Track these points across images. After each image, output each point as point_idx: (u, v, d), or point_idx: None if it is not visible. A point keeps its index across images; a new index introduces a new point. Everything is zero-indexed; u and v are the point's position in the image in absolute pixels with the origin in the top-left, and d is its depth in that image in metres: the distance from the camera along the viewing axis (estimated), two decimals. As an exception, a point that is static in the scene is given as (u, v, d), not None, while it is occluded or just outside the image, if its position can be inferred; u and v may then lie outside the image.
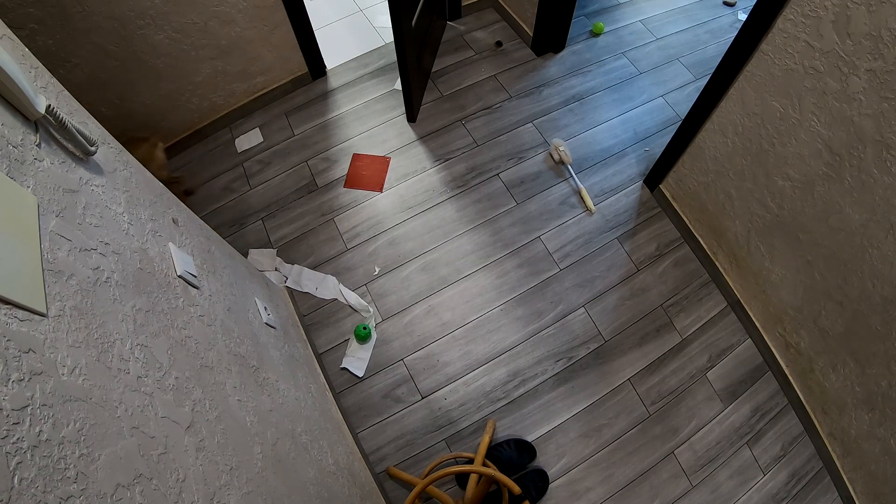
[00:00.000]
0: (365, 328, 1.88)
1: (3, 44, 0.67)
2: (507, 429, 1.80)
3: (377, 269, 2.04)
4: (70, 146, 0.72)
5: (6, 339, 0.44)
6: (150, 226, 0.90)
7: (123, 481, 0.51)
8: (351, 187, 2.22)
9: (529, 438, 1.78)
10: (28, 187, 0.57)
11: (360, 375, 1.85)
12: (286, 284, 2.00)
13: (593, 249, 2.10)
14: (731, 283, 1.99)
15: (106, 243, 0.71)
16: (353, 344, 1.90)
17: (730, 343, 1.96)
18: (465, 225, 2.14)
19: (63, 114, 0.67)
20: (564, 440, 1.79)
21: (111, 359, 0.59)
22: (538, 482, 1.70)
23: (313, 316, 1.96)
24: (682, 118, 1.83)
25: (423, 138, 2.35)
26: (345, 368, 1.87)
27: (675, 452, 1.79)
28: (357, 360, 1.88)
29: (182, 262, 0.96)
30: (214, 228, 1.96)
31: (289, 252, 2.08)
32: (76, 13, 1.58)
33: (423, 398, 1.83)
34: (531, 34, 2.52)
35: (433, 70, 2.53)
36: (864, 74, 1.16)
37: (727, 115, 1.63)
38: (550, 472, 1.74)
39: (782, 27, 1.31)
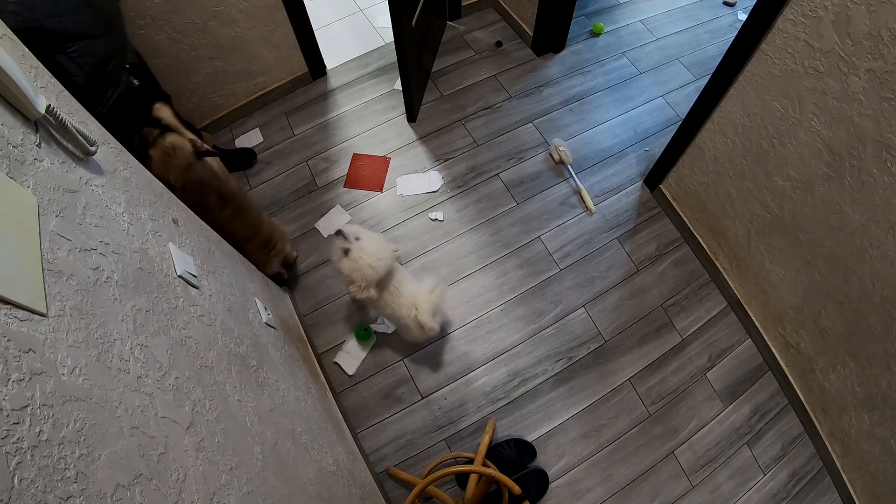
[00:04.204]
0: (366, 329, 1.88)
1: (3, 44, 0.67)
2: (507, 429, 1.80)
3: None
4: (70, 146, 0.72)
5: (6, 339, 0.44)
6: (150, 226, 0.90)
7: (123, 481, 0.51)
8: (351, 187, 2.22)
9: (529, 438, 1.78)
10: (28, 187, 0.57)
11: (351, 374, 1.85)
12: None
13: (593, 249, 2.10)
14: (731, 283, 1.99)
15: (106, 243, 0.71)
16: (352, 342, 1.90)
17: (730, 343, 1.96)
18: (465, 225, 2.14)
19: (63, 114, 0.67)
20: (564, 440, 1.79)
21: (111, 359, 0.59)
22: (538, 482, 1.70)
23: (313, 316, 1.96)
24: (682, 118, 1.83)
25: (423, 138, 2.34)
26: (337, 364, 1.87)
27: (675, 452, 1.79)
28: (351, 357, 1.88)
29: (182, 262, 0.96)
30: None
31: (289, 252, 2.08)
32: (76, 13, 1.57)
33: (423, 398, 1.83)
34: (531, 34, 2.52)
35: (433, 70, 2.53)
36: (864, 74, 1.16)
37: (727, 115, 1.63)
38: (550, 472, 1.74)
39: (782, 27, 1.31)
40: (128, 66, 1.41)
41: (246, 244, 1.66)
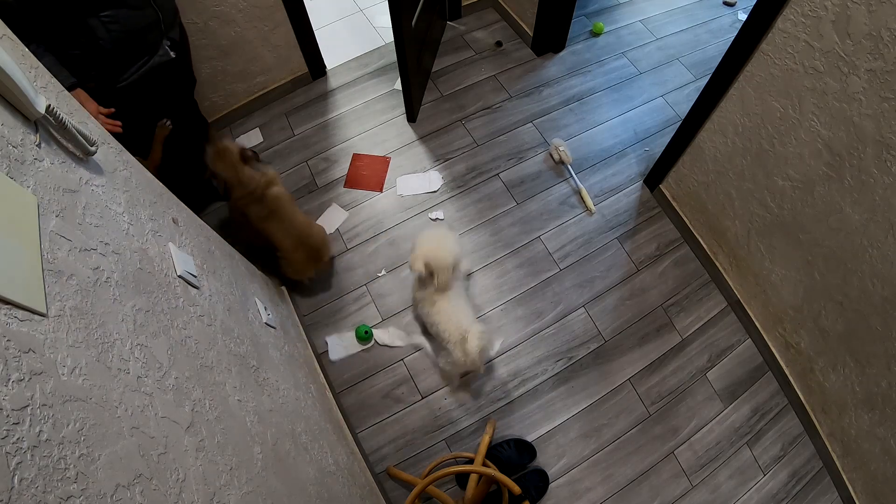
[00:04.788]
0: (366, 332, 1.88)
1: (3, 44, 0.67)
2: (507, 429, 1.80)
3: (383, 272, 2.04)
4: (70, 146, 0.72)
5: (6, 339, 0.44)
6: (150, 226, 0.90)
7: (123, 481, 0.51)
8: (351, 187, 2.22)
9: (529, 438, 1.78)
10: (28, 187, 0.57)
11: (333, 360, 1.87)
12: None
13: (593, 249, 2.10)
14: (731, 283, 1.99)
15: (106, 243, 0.71)
16: (350, 335, 1.90)
17: (730, 343, 1.96)
18: (465, 225, 2.14)
19: (63, 114, 0.67)
20: (564, 440, 1.79)
21: (111, 359, 0.59)
22: (538, 482, 1.70)
23: (313, 316, 1.96)
24: (682, 118, 1.83)
25: (423, 138, 2.34)
26: (325, 342, 1.88)
27: (675, 452, 1.79)
28: (341, 347, 1.89)
29: (182, 262, 0.96)
30: (214, 228, 1.95)
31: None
32: (76, 13, 1.57)
33: (423, 398, 1.83)
34: (531, 34, 2.52)
35: (433, 70, 2.53)
36: (864, 74, 1.16)
37: (727, 115, 1.63)
38: (550, 472, 1.74)
39: (782, 27, 1.31)
40: (168, 41, 1.47)
41: (291, 253, 1.74)
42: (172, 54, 1.49)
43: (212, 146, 1.59)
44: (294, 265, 1.77)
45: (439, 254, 1.54)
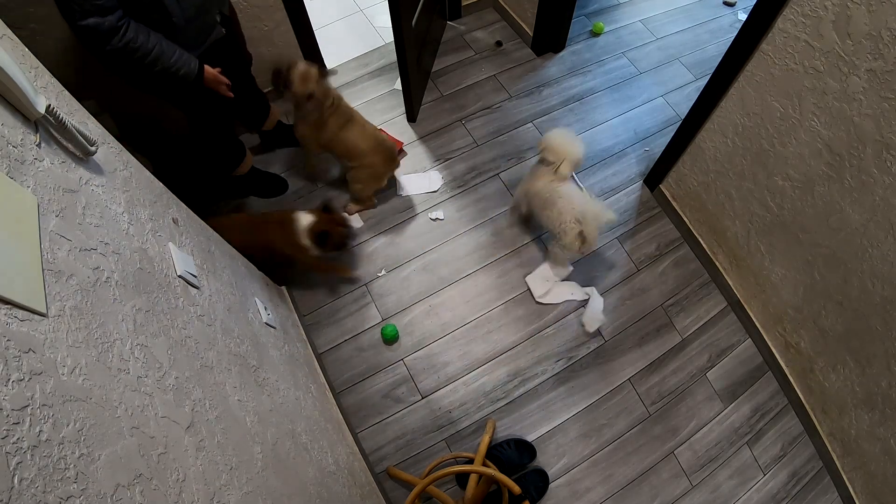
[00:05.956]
0: (391, 333, 1.89)
1: (3, 44, 0.67)
2: (507, 429, 1.80)
3: (382, 271, 2.04)
4: (70, 146, 0.72)
5: (6, 339, 0.44)
6: (150, 226, 0.90)
7: (123, 481, 0.51)
8: (351, 187, 2.22)
9: (529, 438, 1.78)
10: (28, 187, 0.57)
11: (538, 296, 1.98)
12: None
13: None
14: (731, 283, 1.99)
15: (106, 243, 0.71)
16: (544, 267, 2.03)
17: (730, 343, 1.96)
18: (465, 225, 2.14)
19: (63, 114, 0.67)
20: (564, 440, 1.79)
21: (111, 359, 0.59)
22: (538, 482, 1.70)
23: (313, 316, 1.96)
24: (682, 118, 1.83)
25: (424, 138, 2.34)
26: (526, 283, 1.99)
27: (675, 452, 1.79)
28: (541, 279, 2.01)
29: (182, 262, 0.96)
30: (214, 228, 1.95)
31: (289, 252, 2.08)
32: (76, 13, 1.57)
33: (423, 398, 1.83)
34: (531, 34, 2.52)
35: (433, 70, 2.53)
36: (864, 74, 1.16)
37: (727, 115, 1.63)
38: (550, 472, 1.74)
39: (782, 27, 1.31)
40: (219, 17, 1.50)
41: (371, 156, 1.88)
42: (223, 30, 1.51)
43: (293, 71, 1.64)
44: (375, 168, 1.91)
45: (569, 148, 1.73)
